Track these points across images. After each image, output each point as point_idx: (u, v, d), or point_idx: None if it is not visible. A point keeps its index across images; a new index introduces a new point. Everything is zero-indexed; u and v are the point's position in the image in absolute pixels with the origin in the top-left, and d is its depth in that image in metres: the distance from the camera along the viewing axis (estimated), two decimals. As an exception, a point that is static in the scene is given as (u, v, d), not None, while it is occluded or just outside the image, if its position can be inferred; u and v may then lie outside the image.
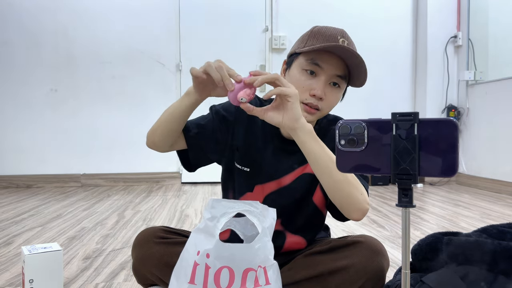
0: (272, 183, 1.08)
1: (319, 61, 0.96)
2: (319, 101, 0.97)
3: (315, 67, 0.97)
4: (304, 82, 0.98)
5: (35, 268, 1.08)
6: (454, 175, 0.59)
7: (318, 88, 0.96)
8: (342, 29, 1.01)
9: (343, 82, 0.99)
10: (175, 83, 3.84)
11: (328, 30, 0.99)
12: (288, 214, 1.08)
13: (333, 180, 0.89)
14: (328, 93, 0.98)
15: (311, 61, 0.97)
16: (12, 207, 2.70)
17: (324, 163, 0.88)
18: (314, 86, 0.97)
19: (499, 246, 0.88)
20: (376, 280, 0.95)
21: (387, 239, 1.92)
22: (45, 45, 3.67)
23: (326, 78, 0.97)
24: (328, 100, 0.98)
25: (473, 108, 3.79)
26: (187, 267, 0.81)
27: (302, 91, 0.97)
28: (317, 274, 0.97)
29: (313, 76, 0.98)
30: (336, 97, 1.00)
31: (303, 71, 0.98)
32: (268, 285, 0.82)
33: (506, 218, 2.40)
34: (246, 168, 1.09)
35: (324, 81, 0.97)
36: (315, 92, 0.96)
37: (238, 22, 3.89)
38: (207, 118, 1.11)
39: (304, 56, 0.99)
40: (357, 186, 0.91)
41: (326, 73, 0.97)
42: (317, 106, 0.98)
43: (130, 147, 3.78)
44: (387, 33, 4.06)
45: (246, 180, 1.09)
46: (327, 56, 0.96)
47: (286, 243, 1.11)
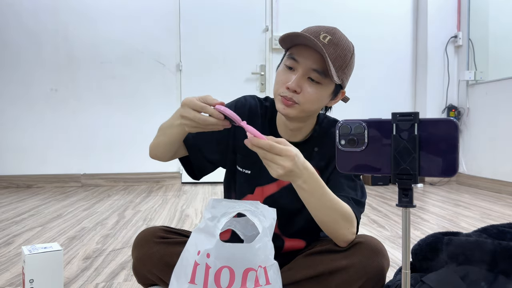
0: (272, 184, 1.08)
1: (296, 55, 0.96)
2: (294, 94, 0.96)
3: (292, 61, 0.97)
4: (283, 76, 0.98)
5: (36, 268, 1.08)
6: (454, 175, 0.59)
7: (292, 80, 0.96)
8: (335, 27, 0.99)
9: (324, 79, 0.96)
10: (175, 83, 3.84)
11: (316, 27, 0.99)
12: (287, 216, 1.08)
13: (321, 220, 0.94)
14: (304, 87, 0.96)
15: (289, 56, 0.98)
16: (13, 207, 2.70)
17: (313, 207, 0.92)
18: (289, 79, 0.97)
19: (499, 246, 0.88)
20: (376, 280, 0.95)
21: (388, 239, 1.92)
22: (45, 45, 3.67)
23: (302, 72, 0.96)
24: (305, 94, 0.96)
25: (473, 108, 3.79)
26: (188, 267, 0.81)
27: (279, 84, 0.99)
28: (317, 274, 0.97)
29: (292, 71, 0.98)
30: (315, 93, 0.97)
31: (284, 66, 1.00)
32: (269, 285, 0.82)
33: (506, 218, 2.39)
34: (247, 170, 1.09)
35: (300, 75, 0.96)
36: (288, 85, 0.96)
37: (238, 22, 3.88)
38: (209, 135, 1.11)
39: (287, 52, 1.00)
40: (344, 224, 0.95)
41: (301, 66, 0.96)
42: (292, 99, 0.96)
43: (131, 147, 3.78)
44: (387, 33, 4.06)
45: (247, 182, 1.09)
46: (304, 50, 0.96)
47: (285, 246, 1.11)
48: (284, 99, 0.97)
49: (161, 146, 1.03)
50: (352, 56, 1.00)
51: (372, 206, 2.75)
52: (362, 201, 1.03)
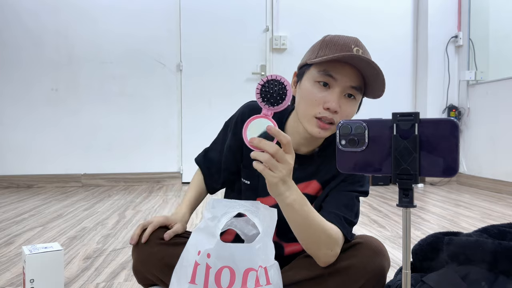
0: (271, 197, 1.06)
1: (333, 72, 0.90)
2: (333, 114, 0.91)
3: (329, 78, 0.91)
4: (317, 95, 0.92)
5: (36, 268, 1.08)
6: (454, 175, 0.59)
7: (332, 100, 0.90)
8: (356, 37, 0.96)
9: (358, 94, 0.93)
10: (176, 83, 3.84)
11: (341, 39, 0.94)
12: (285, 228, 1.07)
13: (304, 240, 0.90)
14: (343, 106, 0.92)
15: (324, 72, 0.91)
16: (13, 207, 2.70)
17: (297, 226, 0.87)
18: (328, 99, 0.91)
19: (500, 246, 0.88)
20: (377, 280, 0.94)
21: (388, 239, 1.92)
22: (46, 45, 3.67)
23: (341, 89, 0.91)
24: (344, 113, 0.92)
25: (473, 108, 3.78)
26: (188, 267, 0.81)
27: (315, 104, 0.92)
28: (318, 274, 0.97)
29: (327, 88, 0.92)
30: (352, 110, 0.94)
31: (316, 83, 0.93)
32: (269, 285, 0.82)
33: (506, 218, 2.39)
34: (247, 180, 1.09)
35: (338, 93, 0.91)
36: (329, 105, 0.90)
37: (239, 22, 3.89)
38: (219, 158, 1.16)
39: (316, 67, 0.93)
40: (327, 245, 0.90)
41: (340, 84, 0.91)
42: (332, 120, 0.91)
43: (131, 147, 3.78)
44: (387, 33, 4.06)
45: (249, 192, 1.09)
46: (340, 67, 0.91)
47: (286, 252, 1.11)
48: (321, 122, 0.92)
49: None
50: None
51: (373, 206, 2.75)
52: (354, 221, 0.99)
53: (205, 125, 3.81)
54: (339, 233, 0.92)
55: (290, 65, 3.78)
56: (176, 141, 3.86)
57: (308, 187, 1.04)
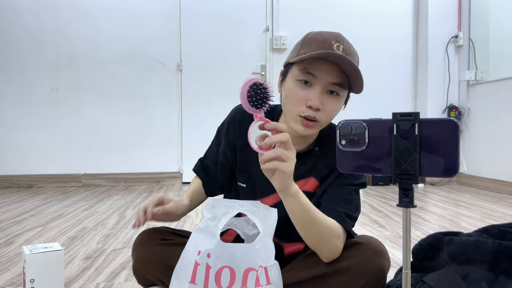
0: (269, 198, 1.05)
1: (312, 70, 0.90)
2: (316, 112, 0.92)
3: (309, 76, 0.91)
4: (299, 93, 0.92)
5: (36, 267, 1.08)
6: (455, 175, 0.59)
7: (314, 98, 0.90)
8: (338, 33, 0.95)
9: (342, 90, 0.93)
10: (176, 83, 3.84)
11: (322, 35, 0.93)
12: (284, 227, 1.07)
13: (306, 236, 0.90)
14: (326, 103, 0.92)
15: (304, 70, 0.91)
16: (13, 207, 2.70)
17: (302, 221, 0.87)
18: (309, 97, 0.91)
19: (500, 246, 0.88)
20: (377, 280, 0.94)
21: (388, 239, 1.92)
22: (46, 45, 3.67)
23: (322, 87, 0.91)
24: (327, 110, 0.93)
25: (474, 108, 3.78)
26: (188, 266, 0.81)
27: (298, 103, 0.92)
28: (318, 274, 0.97)
29: (308, 86, 0.92)
30: (335, 106, 0.94)
31: (297, 82, 0.93)
32: (269, 285, 0.82)
33: (507, 218, 2.39)
34: (243, 184, 1.09)
35: (320, 91, 0.91)
36: (311, 103, 0.90)
37: (239, 22, 3.89)
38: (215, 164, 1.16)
39: (297, 66, 0.93)
40: (330, 241, 0.91)
41: (321, 82, 0.91)
42: (315, 118, 0.92)
43: (131, 147, 3.78)
44: (388, 33, 4.06)
45: (245, 195, 1.09)
46: (320, 64, 0.90)
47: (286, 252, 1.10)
48: (306, 120, 0.92)
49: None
50: (359, 59, 0.97)
51: (373, 206, 2.75)
52: (355, 216, 0.99)
53: (205, 125, 3.81)
54: (340, 228, 0.93)
55: (290, 65, 3.77)
56: (176, 141, 3.87)
57: (306, 184, 1.04)
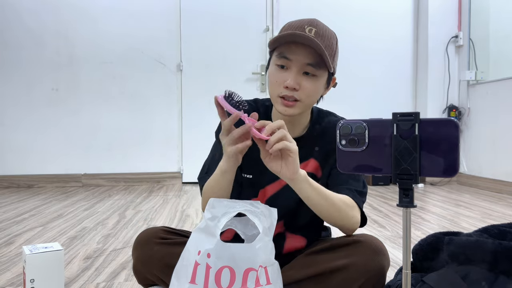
0: (273, 185, 1.08)
1: (287, 54, 0.96)
2: (293, 91, 0.97)
3: (285, 60, 0.97)
4: (277, 77, 0.98)
5: (36, 267, 1.08)
6: (455, 175, 0.59)
7: (290, 78, 0.96)
8: (314, 18, 1.01)
9: (317, 70, 0.97)
10: (176, 83, 3.84)
11: (297, 21, 0.99)
12: (290, 214, 1.08)
13: (327, 215, 0.99)
14: (303, 83, 0.97)
15: (280, 55, 0.98)
16: (13, 207, 2.70)
17: (318, 203, 0.95)
18: (285, 78, 0.97)
19: (500, 246, 0.88)
20: (377, 279, 0.95)
21: (388, 239, 1.92)
22: (46, 45, 3.67)
23: (297, 68, 0.96)
24: (305, 90, 0.98)
25: (474, 108, 3.78)
26: (188, 266, 0.81)
27: (276, 85, 0.99)
28: (318, 273, 0.97)
29: (285, 69, 0.98)
30: (313, 86, 0.99)
31: (276, 66, 0.99)
32: (269, 285, 0.82)
33: (507, 218, 2.39)
34: (248, 175, 1.09)
35: (295, 72, 0.96)
36: (287, 84, 0.96)
37: (239, 22, 3.89)
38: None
39: (275, 52, 1.00)
40: (348, 213, 0.99)
41: (295, 64, 0.96)
42: (293, 97, 0.97)
43: (131, 147, 3.78)
44: (388, 33, 4.05)
45: (250, 186, 1.09)
46: (295, 47, 0.96)
47: (286, 244, 1.10)
48: (285, 101, 0.98)
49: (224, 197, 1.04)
50: (337, 42, 1.02)
51: (373, 206, 2.75)
52: (364, 191, 1.06)
53: (205, 125, 3.80)
54: (353, 202, 1.01)
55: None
56: (176, 141, 3.87)
57: (307, 166, 1.08)
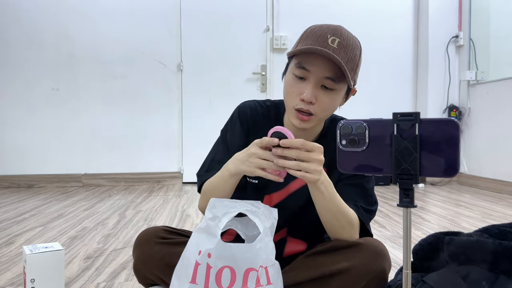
0: (280, 192, 1.06)
1: (306, 64, 0.92)
2: (310, 105, 0.93)
3: (303, 71, 0.93)
4: (294, 87, 0.94)
5: (37, 267, 1.08)
6: (455, 175, 0.59)
7: (307, 92, 0.92)
8: (338, 26, 0.96)
9: (336, 84, 0.93)
10: (176, 83, 3.84)
11: (320, 29, 0.94)
12: (294, 221, 1.07)
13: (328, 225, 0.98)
14: (319, 97, 0.93)
15: (298, 65, 0.93)
16: (14, 207, 2.70)
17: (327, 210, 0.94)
18: (302, 90, 0.93)
19: (500, 246, 0.87)
20: (378, 281, 0.94)
21: (388, 239, 1.92)
22: (46, 45, 3.67)
23: (315, 81, 0.92)
24: (321, 104, 0.94)
25: (474, 108, 3.78)
26: (189, 266, 0.81)
27: (292, 96, 0.95)
28: (319, 275, 0.96)
29: (303, 80, 0.94)
30: (330, 100, 0.95)
31: (293, 76, 0.95)
32: (270, 285, 0.82)
33: (507, 218, 2.39)
34: (254, 180, 1.07)
35: (312, 85, 0.92)
36: (303, 97, 0.92)
37: (239, 22, 3.89)
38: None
39: (294, 60, 0.95)
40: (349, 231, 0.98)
41: (313, 76, 0.92)
42: (309, 111, 0.94)
43: (132, 147, 3.78)
44: (388, 33, 4.05)
45: (254, 191, 1.07)
46: (314, 58, 0.91)
47: (287, 248, 1.10)
48: (300, 114, 0.95)
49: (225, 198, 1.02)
50: (360, 53, 0.97)
51: (373, 206, 2.75)
52: (372, 209, 1.05)
53: (206, 125, 3.81)
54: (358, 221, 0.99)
55: (290, 65, 3.77)
56: (177, 141, 3.87)
57: None
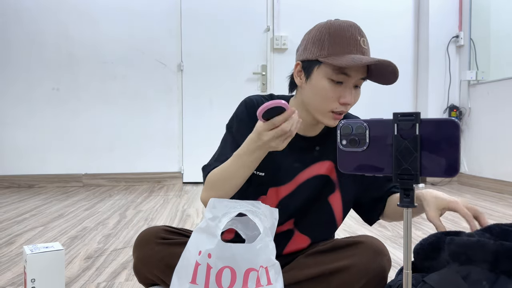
0: (289, 185, 1.06)
1: (348, 71, 0.94)
2: (347, 106, 0.98)
3: (344, 76, 0.94)
4: (333, 92, 0.95)
5: (37, 267, 1.08)
6: (456, 175, 0.59)
7: (349, 96, 0.95)
8: (354, 23, 0.97)
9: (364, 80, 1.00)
10: (177, 83, 3.84)
11: (345, 30, 0.94)
12: (301, 213, 1.08)
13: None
14: (355, 95, 0.98)
15: (338, 71, 0.93)
16: (14, 207, 2.70)
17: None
18: (343, 94, 0.95)
19: (502, 247, 0.87)
20: (378, 280, 0.94)
21: (389, 239, 1.92)
22: (47, 45, 3.67)
23: (353, 83, 0.96)
24: (354, 101, 0.99)
25: (474, 108, 3.78)
26: (189, 266, 0.81)
27: (331, 100, 0.96)
28: (319, 274, 0.97)
29: (340, 84, 0.95)
30: (358, 96, 1.00)
31: (330, 81, 0.95)
32: (270, 285, 0.82)
33: (508, 218, 2.39)
34: (260, 172, 1.06)
35: (351, 87, 0.96)
36: (346, 101, 0.95)
37: (240, 22, 3.89)
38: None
39: (330, 65, 0.94)
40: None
41: (353, 79, 0.95)
42: (346, 110, 0.98)
43: (132, 147, 3.78)
44: (388, 33, 4.05)
45: (260, 184, 1.06)
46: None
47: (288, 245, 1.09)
48: (336, 115, 0.98)
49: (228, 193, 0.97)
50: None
51: (374, 206, 2.75)
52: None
53: (206, 125, 3.82)
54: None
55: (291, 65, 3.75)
56: (177, 141, 3.87)
57: (322, 167, 1.07)
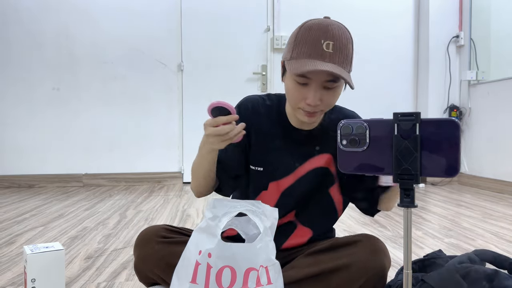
0: (289, 177, 1.08)
1: (308, 74, 0.94)
2: (316, 107, 0.96)
3: (304, 79, 0.95)
4: (298, 92, 0.97)
5: (37, 267, 1.08)
6: (456, 175, 0.59)
7: (311, 97, 0.95)
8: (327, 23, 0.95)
9: (337, 83, 0.96)
10: (177, 83, 3.84)
11: (312, 32, 0.94)
12: (302, 205, 1.09)
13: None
14: (323, 96, 0.96)
15: (299, 74, 0.95)
16: (14, 207, 2.70)
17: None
18: (307, 95, 0.95)
19: None
20: (378, 278, 0.95)
21: (389, 239, 1.92)
22: (47, 45, 3.67)
23: (317, 85, 0.95)
24: (325, 102, 0.97)
25: (475, 108, 3.78)
26: (189, 266, 0.81)
27: (298, 99, 0.97)
28: (319, 272, 0.97)
29: (305, 85, 0.96)
30: (333, 96, 0.98)
31: (294, 82, 0.97)
32: (270, 284, 0.82)
33: (508, 218, 2.39)
34: (259, 168, 1.08)
35: (315, 89, 0.95)
36: (309, 102, 0.95)
37: (240, 22, 3.89)
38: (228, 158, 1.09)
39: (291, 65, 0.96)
40: None
41: (316, 82, 0.94)
42: (316, 110, 0.97)
43: (132, 147, 3.78)
44: (388, 33, 4.05)
45: (260, 179, 1.09)
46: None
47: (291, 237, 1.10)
48: (308, 113, 0.98)
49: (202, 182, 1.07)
50: (352, 44, 0.97)
51: (374, 206, 2.75)
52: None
53: (206, 125, 3.81)
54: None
55: (291, 65, 3.77)
56: (177, 141, 3.87)
57: (321, 160, 1.08)
